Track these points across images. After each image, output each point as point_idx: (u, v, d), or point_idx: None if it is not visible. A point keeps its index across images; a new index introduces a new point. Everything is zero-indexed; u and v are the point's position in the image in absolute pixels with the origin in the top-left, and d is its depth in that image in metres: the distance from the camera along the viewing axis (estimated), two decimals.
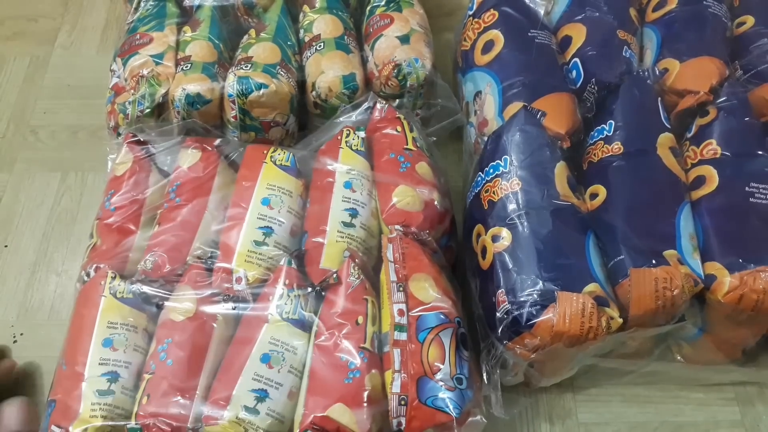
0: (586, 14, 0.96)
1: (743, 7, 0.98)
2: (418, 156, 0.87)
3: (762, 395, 0.89)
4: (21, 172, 1.08)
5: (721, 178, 0.82)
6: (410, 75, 0.96)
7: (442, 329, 0.73)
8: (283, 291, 0.76)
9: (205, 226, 0.82)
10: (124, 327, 0.75)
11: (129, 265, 0.81)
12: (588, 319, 0.72)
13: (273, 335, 0.73)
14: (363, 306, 0.75)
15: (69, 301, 0.94)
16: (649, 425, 0.87)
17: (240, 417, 0.69)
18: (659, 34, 0.95)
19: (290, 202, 0.83)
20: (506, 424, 0.85)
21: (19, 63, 1.21)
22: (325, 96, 0.95)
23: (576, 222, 0.80)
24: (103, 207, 0.85)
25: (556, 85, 0.90)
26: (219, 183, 0.85)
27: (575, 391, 0.89)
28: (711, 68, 0.88)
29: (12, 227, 1.03)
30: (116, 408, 0.71)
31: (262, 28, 1.01)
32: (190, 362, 0.72)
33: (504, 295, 0.76)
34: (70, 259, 1.00)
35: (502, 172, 0.83)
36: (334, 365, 0.71)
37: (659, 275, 0.75)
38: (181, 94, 0.91)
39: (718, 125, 0.85)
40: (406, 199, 0.82)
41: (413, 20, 1.02)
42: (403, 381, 0.71)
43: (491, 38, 0.95)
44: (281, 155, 0.86)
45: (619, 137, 0.85)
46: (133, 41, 0.98)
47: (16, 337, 0.93)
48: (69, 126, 1.13)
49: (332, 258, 0.79)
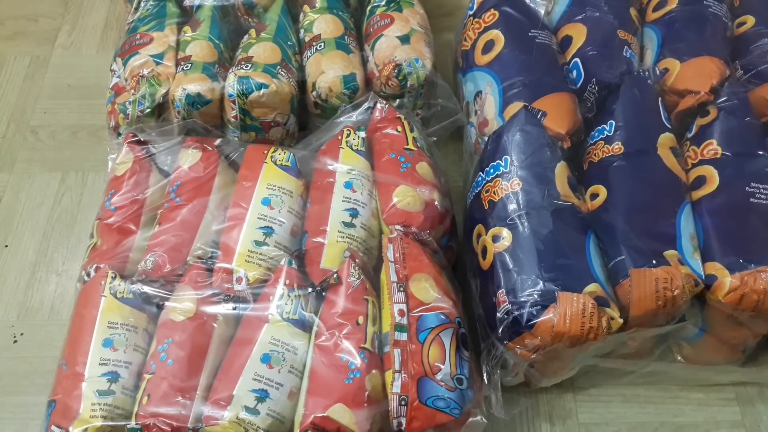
0: (586, 14, 0.96)
1: (743, 7, 0.98)
2: (419, 156, 0.87)
3: (762, 395, 0.89)
4: (21, 172, 1.08)
5: (721, 178, 0.82)
6: (410, 75, 0.96)
7: (442, 329, 0.73)
8: (283, 291, 0.76)
9: (206, 226, 0.82)
10: (125, 327, 0.75)
11: (129, 265, 0.81)
12: (588, 319, 0.72)
13: (273, 335, 0.73)
14: (363, 306, 0.75)
15: (69, 301, 0.94)
16: (649, 425, 0.87)
17: (240, 417, 0.69)
18: (660, 34, 0.95)
19: (291, 202, 0.83)
20: (506, 424, 0.85)
21: (19, 63, 1.21)
22: (326, 96, 0.95)
23: (576, 222, 0.80)
24: (104, 207, 0.85)
25: (557, 85, 0.90)
26: (219, 183, 0.85)
27: (575, 391, 0.89)
28: (711, 68, 0.88)
29: (12, 227, 1.03)
30: (116, 408, 0.71)
31: (262, 28, 1.01)
32: (190, 362, 0.72)
33: (504, 296, 0.76)
34: (70, 259, 1.00)
35: (502, 172, 0.83)
36: (334, 365, 0.71)
37: (660, 275, 0.74)
38: (181, 94, 0.91)
39: (719, 125, 0.85)
40: (406, 199, 0.82)
41: (413, 20, 1.02)
42: (403, 381, 0.71)
43: (492, 38, 0.95)
44: (282, 155, 0.86)
45: (620, 137, 0.85)
46: (133, 41, 0.98)
47: (16, 337, 0.93)
48: (69, 126, 1.13)
49: (333, 258, 0.79)
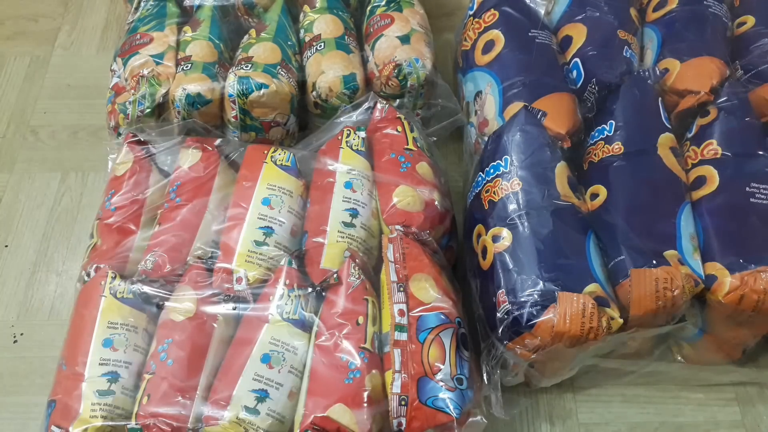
0: (586, 14, 0.96)
1: (744, 7, 0.98)
2: (419, 156, 0.87)
3: (762, 395, 0.89)
4: (21, 172, 1.08)
5: (721, 179, 0.82)
6: (410, 75, 0.96)
7: (442, 329, 0.73)
8: (283, 291, 0.76)
9: (206, 226, 0.82)
10: (125, 327, 0.75)
11: (129, 265, 0.81)
12: (588, 319, 0.72)
13: (273, 335, 0.73)
14: (363, 306, 0.75)
15: (69, 301, 0.94)
16: (649, 425, 0.87)
17: (240, 417, 0.69)
18: (660, 34, 0.95)
19: (291, 202, 0.83)
20: (506, 425, 0.85)
21: (19, 63, 1.21)
22: (326, 96, 0.95)
23: (576, 222, 0.80)
24: (104, 207, 0.85)
25: (557, 85, 0.90)
26: (219, 183, 0.85)
27: (575, 391, 0.89)
28: (711, 68, 0.88)
29: (12, 227, 1.03)
30: (116, 408, 0.71)
31: (262, 28, 1.01)
32: (190, 362, 0.72)
33: (504, 296, 0.76)
34: (70, 259, 1.00)
35: (502, 172, 0.83)
36: (334, 365, 0.71)
37: (660, 275, 0.74)
38: (181, 94, 0.91)
39: (719, 125, 0.85)
40: (406, 199, 0.82)
41: (413, 20, 1.02)
42: (403, 381, 0.71)
43: (492, 38, 0.95)
44: (282, 155, 0.86)
45: (620, 137, 0.85)
46: (133, 41, 0.98)
47: (16, 337, 0.93)
48: (69, 126, 1.13)
49: (333, 258, 0.79)
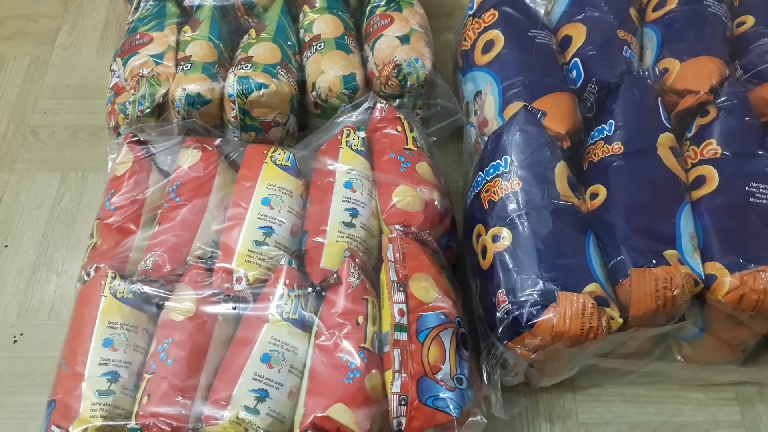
0: (586, 14, 0.96)
1: (743, 6, 0.98)
2: (419, 156, 0.87)
3: (762, 395, 0.89)
4: (21, 172, 1.08)
5: (721, 178, 0.82)
6: (410, 75, 0.96)
7: (442, 329, 0.73)
8: (283, 291, 0.76)
9: (206, 226, 0.82)
10: (125, 327, 0.75)
11: (129, 265, 0.81)
12: (588, 319, 0.72)
13: (273, 335, 0.73)
14: (363, 306, 0.75)
15: (69, 301, 0.94)
16: (649, 425, 0.87)
17: (240, 417, 0.69)
18: (659, 33, 0.95)
19: (290, 202, 0.83)
20: (506, 424, 0.85)
21: (19, 63, 1.21)
22: (326, 96, 0.95)
23: (576, 222, 0.80)
24: (104, 207, 0.85)
25: (556, 84, 0.90)
26: (219, 183, 0.85)
27: (575, 391, 0.89)
28: (711, 68, 0.88)
29: (12, 227, 1.03)
30: (116, 408, 0.71)
31: (262, 28, 1.01)
32: (190, 362, 0.72)
33: (504, 295, 0.76)
34: (70, 259, 1.00)
35: (502, 171, 0.83)
36: (334, 365, 0.71)
37: (660, 275, 0.74)
38: (181, 94, 0.91)
39: (719, 125, 0.85)
40: (406, 199, 0.82)
41: (413, 20, 1.02)
42: (403, 381, 0.71)
43: (491, 38, 0.95)
44: (281, 155, 0.86)
45: (620, 137, 0.85)
46: (133, 41, 0.98)
47: (16, 337, 0.93)
48: (69, 126, 1.13)
49: (332, 258, 0.79)
